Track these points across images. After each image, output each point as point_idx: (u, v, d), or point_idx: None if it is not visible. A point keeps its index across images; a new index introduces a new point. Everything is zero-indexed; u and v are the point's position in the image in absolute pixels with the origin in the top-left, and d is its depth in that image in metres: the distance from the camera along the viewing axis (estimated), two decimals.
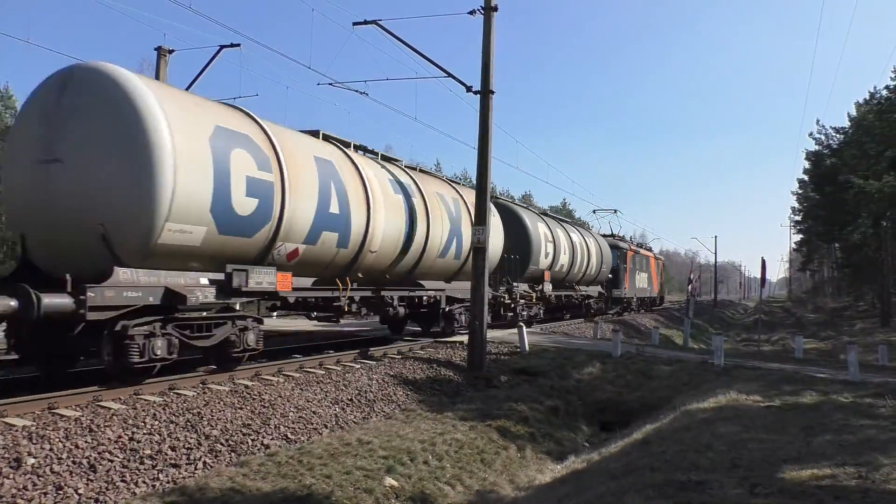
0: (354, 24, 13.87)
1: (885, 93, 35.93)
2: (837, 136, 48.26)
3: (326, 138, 12.87)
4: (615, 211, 39.68)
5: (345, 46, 25.72)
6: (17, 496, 5.33)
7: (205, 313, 9.23)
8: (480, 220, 13.53)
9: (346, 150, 12.88)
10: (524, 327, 15.99)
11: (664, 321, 36.94)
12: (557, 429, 10.72)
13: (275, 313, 18.36)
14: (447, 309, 15.98)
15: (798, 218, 68.03)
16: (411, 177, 14.82)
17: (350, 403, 9.70)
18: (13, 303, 7.09)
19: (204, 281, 8.96)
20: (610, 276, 30.76)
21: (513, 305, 19.67)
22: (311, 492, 6.21)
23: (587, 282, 27.76)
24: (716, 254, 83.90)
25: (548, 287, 22.25)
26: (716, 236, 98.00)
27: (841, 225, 42.79)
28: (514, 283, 19.66)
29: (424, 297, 15.09)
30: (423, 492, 6.92)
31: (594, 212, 59.67)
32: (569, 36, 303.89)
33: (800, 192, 66.19)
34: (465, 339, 14.13)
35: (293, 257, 10.58)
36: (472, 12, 13.54)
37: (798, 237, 69.65)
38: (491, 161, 13.66)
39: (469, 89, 13.89)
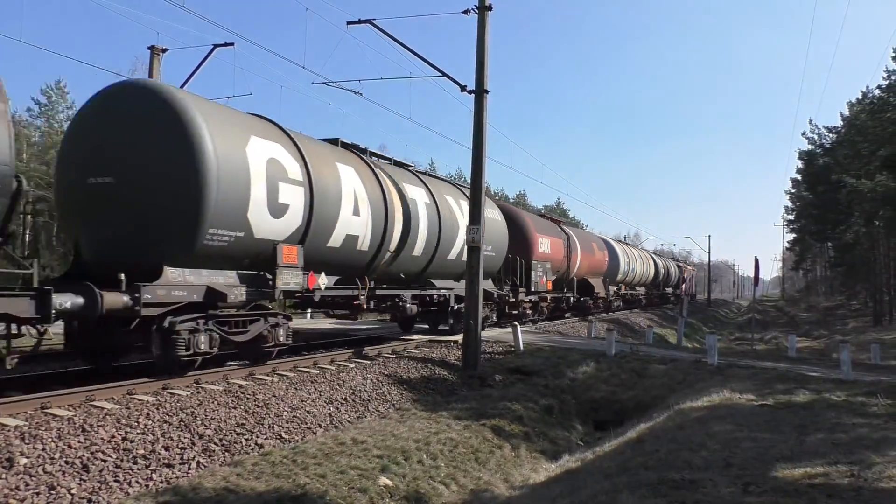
0: (349, 23, 13.86)
1: (877, 92, 36.12)
2: (830, 135, 48.57)
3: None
4: (674, 245, 60.49)
5: (339, 46, 25.79)
6: (10, 496, 5.31)
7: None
8: (475, 220, 13.51)
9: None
10: (518, 326, 16.00)
11: (658, 320, 37.04)
12: (552, 428, 10.73)
13: None
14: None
15: (791, 217, 68.22)
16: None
17: (344, 403, 9.69)
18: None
19: None
20: (674, 281, 53.57)
21: (640, 299, 37.74)
22: (306, 491, 6.20)
23: (667, 285, 50.27)
24: (709, 253, 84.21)
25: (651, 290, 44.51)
26: (709, 235, 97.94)
27: (834, 224, 43.02)
28: (636, 287, 37.15)
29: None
30: (417, 491, 6.92)
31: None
32: (563, 35, 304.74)
33: (793, 191, 66.47)
34: (459, 338, 14.13)
35: None
36: (466, 11, 13.55)
37: (791, 236, 69.88)
38: (486, 160, 13.67)
39: (463, 88, 13.89)
